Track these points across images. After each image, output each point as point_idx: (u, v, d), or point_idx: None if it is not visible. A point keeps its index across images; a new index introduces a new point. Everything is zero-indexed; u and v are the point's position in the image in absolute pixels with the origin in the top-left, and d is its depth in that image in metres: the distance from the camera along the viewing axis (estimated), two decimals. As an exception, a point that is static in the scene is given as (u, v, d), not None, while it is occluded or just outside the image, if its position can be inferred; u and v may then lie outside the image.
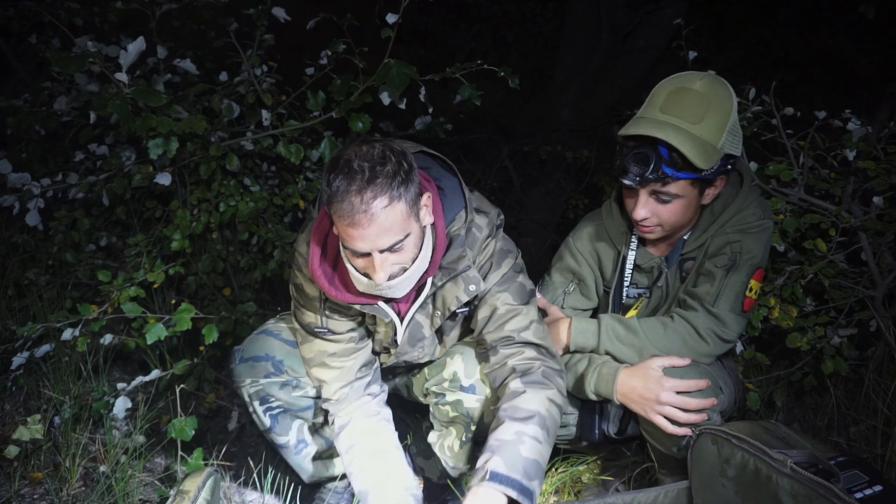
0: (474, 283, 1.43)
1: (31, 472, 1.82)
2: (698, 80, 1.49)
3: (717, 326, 1.53)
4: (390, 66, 1.98)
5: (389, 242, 1.23)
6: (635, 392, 1.51)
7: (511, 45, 4.93)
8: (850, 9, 2.94)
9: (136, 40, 1.92)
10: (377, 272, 1.26)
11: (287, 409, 1.63)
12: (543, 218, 4.00)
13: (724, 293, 1.53)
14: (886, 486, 1.17)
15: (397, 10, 1.97)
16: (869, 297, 2.06)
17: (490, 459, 1.28)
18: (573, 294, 1.77)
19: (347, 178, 1.18)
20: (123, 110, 1.91)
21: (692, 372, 1.50)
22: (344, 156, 1.21)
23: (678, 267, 1.66)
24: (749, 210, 1.57)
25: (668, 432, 1.49)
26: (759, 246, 1.56)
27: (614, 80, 4.12)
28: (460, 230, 1.42)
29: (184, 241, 2.34)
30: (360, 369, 1.55)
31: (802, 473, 1.18)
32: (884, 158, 2.02)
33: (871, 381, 2.05)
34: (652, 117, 1.48)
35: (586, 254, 1.75)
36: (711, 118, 1.46)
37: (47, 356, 2.10)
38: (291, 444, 1.66)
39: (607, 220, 1.73)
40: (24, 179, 2.20)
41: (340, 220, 1.20)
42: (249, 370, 1.58)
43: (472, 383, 1.52)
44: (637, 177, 1.47)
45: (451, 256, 1.41)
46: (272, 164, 2.72)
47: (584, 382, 1.59)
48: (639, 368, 1.53)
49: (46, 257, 2.60)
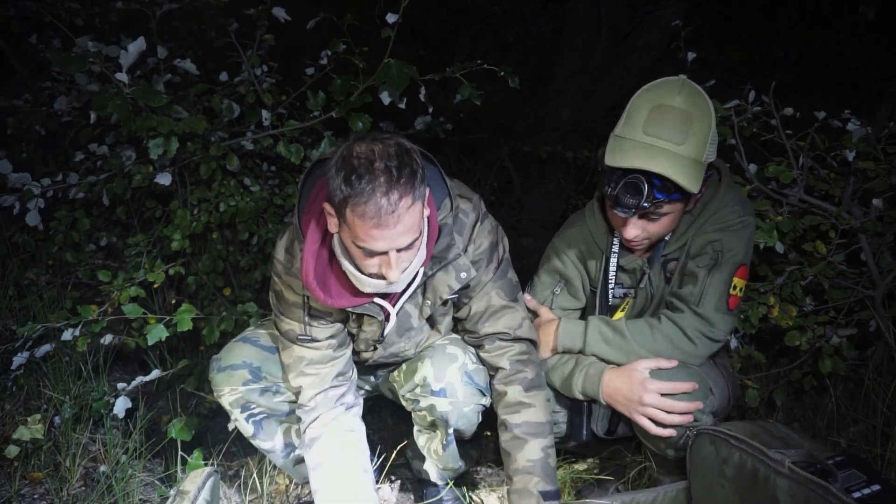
0: (465, 271, 1.44)
1: (31, 472, 1.82)
2: (677, 94, 1.45)
3: (703, 327, 1.53)
4: (390, 66, 1.99)
5: (408, 241, 1.24)
6: (620, 393, 1.53)
7: (511, 45, 4.93)
8: (850, 9, 2.94)
9: (137, 40, 1.92)
10: (392, 270, 1.25)
11: (270, 414, 1.63)
12: (543, 218, 4.00)
13: (708, 293, 1.53)
14: (884, 486, 1.17)
15: (397, 10, 1.98)
16: (868, 297, 2.06)
17: (533, 482, 1.44)
18: (561, 294, 1.76)
19: (371, 178, 1.16)
20: (124, 110, 1.91)
21: (679, 374, 1.50)
22: (356, 154, 1.18)
23: (662, 268, 1.66)
24: (728, 208, 1.56)
25: (652, 433, 1.50)
26: (740, 244, 1.55)
27: (614, 80, 4.12)
28: (447, 218, 1.43)
29: (184, 241, 2.35)
30: (336, 378, 1.53)
31: (800, 473, 1.18)
32: (884, 159, 2.02)
33: (870, 381, 2.05)
34: (636, 139, 1.44)
35: (572, 255, 1.74)
36: (695, 134, 1.43)
37: (47, 356, 2.10)
38: (278, 449, 1.66)
39: (591, 222, 1.72)
40: (25, 179, 2.20)
41: (363, 221, 1.18)
42: (227, 379, 1.57)
43: (443, 387, 1.51)
44: (632, 208, 1.45)
45: (440, 245, 1.41)
46: (272, 164, 2.72)
47: (572, 382, 1.60)
48: (624, 370, 1.54)
49: (46, 257, 2.61)
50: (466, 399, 1.52)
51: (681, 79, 1.49)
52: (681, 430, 1.50)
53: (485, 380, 1.55)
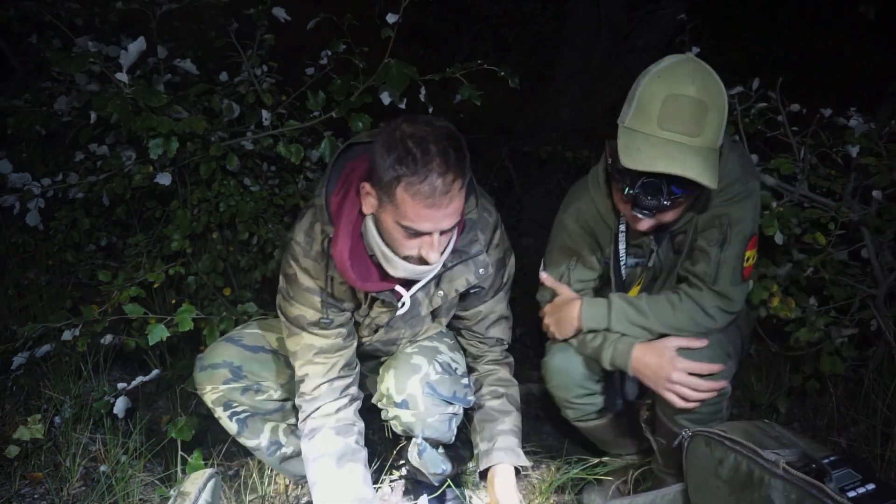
0: (483, 267, 1.47)
1: (31, 472, 1.82)
2: (691, 83, 1.37)
3: (722, 302, 1.57)
4: (390, 66, 1.99)
5: (452, 223, 1.27)
6: (649, 368, 1.57)
7: (511, 45, 4.93)
8: (850, 9, 2.94)
9: (137, 40, 1.92)
10: (433, 251, 1.28)
11: (254, 412, 1.64)
12: (543, 218, 3.99)
13: (723, 270, 1.55)
14: (879, 484, 1.17)
15: (397, 10, 1.97)
16: (870, 296, 2.06)
17: (516, 443, 1.58)
18: (577, 268, 1.75)
19: (427, 158, 1.17)
20: (124, 110, 1.91)
21: (706, 355, 1.54)
22: (409, 134, 1.19)
23: (669, 241, 1.66)
24: (732, 177, 1.53)
25: (677, 406, 1.55)
26: (747, 214, 1.55)
27: (614, 80, 4.11)
28: (472, 214, 1.45)
29: (184, 241, 2.34)
30: (343, 368, 1.54)
31: (795, 474, 1.18)
32: (885, 155, 2.01)
33: (871, 381, 2.05)
34: (651, 134, 1.38)
35: (580, 232, 1.73)
36: (710, 124, 1.39)
37: (47, 356, 2.10)
38: (263, 447, 1.66)
39: (597, 199, 1.68)
40: (25, 179, 2.20)
41: (416, 201, 1.19)
42: (208, 377, 1.59)
43: (405, 398, 1.50)
44: (652, 209, 1.43)
45: (464, 240, 1.44)
46: (272, 164, 2.71)
47: (602, 356, 1.63)
48: (654, 346, 1.58)
49: (47, 257, 2.61)
50: (429, 410, 1.51)
51: (689, 59, 1.42)
52: (702, 408, 1.56)
53: (450, 389, 1.53)
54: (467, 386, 1.59)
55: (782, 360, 2.28)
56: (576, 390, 1.75)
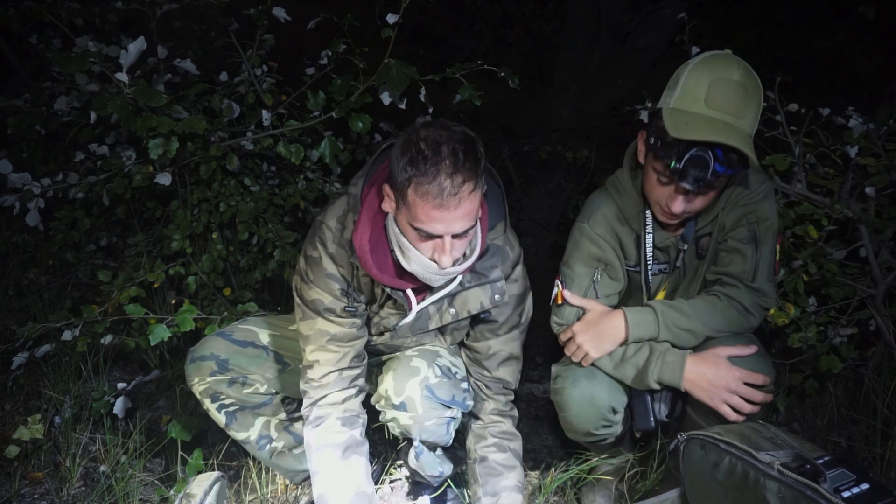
0: (500, 294, 1.48)
1: (31, 472, 1.82)
2: (736, 69, 1.45)
3: (759, 299, 1.60)
4: (390, 66, 1.98)
5: (464, 227, 1.26)
6: (704, 379, 1.54)
7: (511, 45, 4.92)
8: (850, 9, 2.94)
9: (137, 40, 1.92)
10: (445, 255, 1.28)
11: (243, 405, 1.65)
12: (543, 218, 4.00)
13: (761, 268, 1.59)
14: (873, 484, 1.16)
15: (397, 10, 1.97)
16: (869, 296, 2.06)
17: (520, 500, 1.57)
18: (602, 281, 1.72)
19: (437, 160, 1.19)
20: (124, 110, 1.91)
21: (756, 364, 1.54)
22: (423, 137, 1.21)
23: (694, 244, 1.67)
24: (752, 177, 1.59)
25: (730, 420, 1.52)
26: (771, 209, 1.60)
27: (614, 80, 4.11)
28: (497, 241, 1.46)
29: (184, 241, 2.34)
30: (354, 359, 1.53)
31: (789, 475, 1.18)
32: (884, 155, 2.02)
33: (870, 381, 2.05)
34: (699, 112, 1.43)
35: (607, 237, 1.70)
36: (751, 110, 1.45)
37: (47, 356, 2.10)
38: (252, 440, 1.68)
39: (621, 201, 1.69)
40: (25, 179, 2.20)
41: (425, 201, 1.20)
42: (196, 370, 1.61)
43: (403, 401, 1.50)
44: (699, 181, 1.44)
45: (485, 263, 1.45)
46: (272, 164, 2.72)
47: (648, 372, 1.58)
48: (707, 356, 1.56)
49: (47, 257, 2.61)
50: (427, 413, 1.51)
51: (728, 53, 1.50)
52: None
53: (449, 393, 1.53)
54: (466, 390, 1.58)
55: (782, 360, 2.28)
56: (598, 422, 1.66)
